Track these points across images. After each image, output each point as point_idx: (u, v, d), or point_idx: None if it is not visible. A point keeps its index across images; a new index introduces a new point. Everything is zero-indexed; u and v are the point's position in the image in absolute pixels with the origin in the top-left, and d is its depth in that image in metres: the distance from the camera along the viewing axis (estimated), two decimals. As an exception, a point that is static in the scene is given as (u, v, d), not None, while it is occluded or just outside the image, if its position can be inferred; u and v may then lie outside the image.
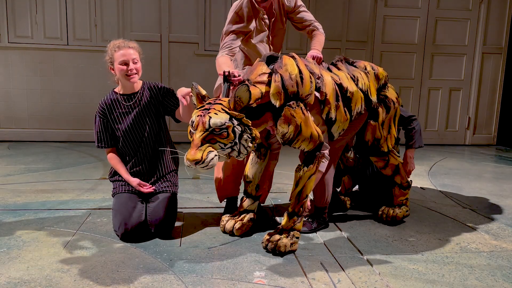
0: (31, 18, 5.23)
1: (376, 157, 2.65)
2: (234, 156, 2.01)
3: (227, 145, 1.95)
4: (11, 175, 3.70)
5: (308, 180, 2.19)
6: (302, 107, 2.10)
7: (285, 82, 2.06)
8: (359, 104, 2.41)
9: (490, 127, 6.26)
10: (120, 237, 2.30)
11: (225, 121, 1.92)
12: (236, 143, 1.96)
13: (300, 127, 2.08)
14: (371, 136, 2.57)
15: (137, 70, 2.35)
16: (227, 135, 1.93)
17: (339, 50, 5.71)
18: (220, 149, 1.94)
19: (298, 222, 2.22)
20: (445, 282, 1.94)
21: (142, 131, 2.42)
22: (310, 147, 2.16)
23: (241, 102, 1.95)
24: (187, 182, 3.61)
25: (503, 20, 5.98)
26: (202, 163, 1.88)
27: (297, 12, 2.67)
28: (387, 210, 2.74)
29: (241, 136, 1.96)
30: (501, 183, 3.92)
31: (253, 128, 2.00)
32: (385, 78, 2.63)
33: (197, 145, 1.91)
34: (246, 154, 2.02)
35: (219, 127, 1.91)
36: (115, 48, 2.35)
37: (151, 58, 5.39)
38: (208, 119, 1.91)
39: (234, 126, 1.94)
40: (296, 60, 2.16)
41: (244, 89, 1.93)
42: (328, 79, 2.28)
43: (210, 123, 1.91)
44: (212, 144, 1.93)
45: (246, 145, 1.98)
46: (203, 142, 1.91)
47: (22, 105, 5.38)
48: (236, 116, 1.95)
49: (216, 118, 1.91)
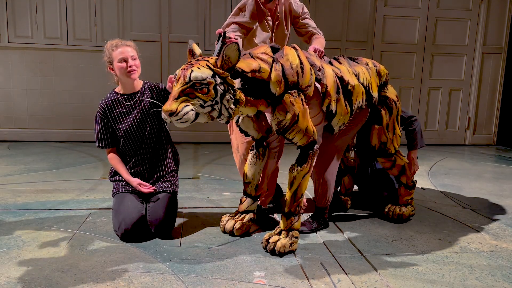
0: (31, 18, 5.23)
1: (383, 158, 2.66)
2: (215, 117, 1.95)
3: (207, 102, 1.89)
4: (11, 175, 3.70)
5: (303, 179, 2.18)
6: (303, 98, 2.10)
7: (285, 71, 2.06)
8: (360, 98, 2.41)
9: (490, 127, 6.26)
10: (120, 237, 2.30)
11: (206, 76, 1.87)
12: (217, 102, 1.91)
13: (297, 116, 2.07)
14: (377, 140, 2.59)
15: (136, 66, 2.36)
16: (207, 92, 1.88)
17: (339, 50, 5.71)
18: (199, 106, 1.89)
19: (296, 222, 2.22)
20: (445, 282, 1.94)
21: (143, 131, 2.42)
22: (303, 142, 2.15)
23: (229, 61, 1.92)
24: (187, 182, 3.61)
25: (503, 20, 5.98)
26: (176, 116, 1.83)
27: (303, 18, 2.72)
28: (393, 208, 2.75)
29: (223, 96, 1.91)
30: (501, 183, 3.92)
31: (238, 90, 1.96)
32: (386, 76, 2.63)
33: (174, 96, 1.86)
34: (228, 117, 1.97)
35: (199, 81, 1.87)
36: (112, 47, 2.35)
37: (151, 58, 5.40)
38: (190, 72, 1.87)
39: (216, 83, 1.89)
40: (298, 51, 2.17)
41: (234, 47, 1.89)
42: (329, 72, 2.28)
43: (191, 76, 1.86)
44: (191, 99, 1.88)
45: (227, 106, 1.93)
46: (181, 94, 1.87)
47: (22, 105, 5.38)
48: (220, 74, 1.90)
49: (198, 72, 1.87)
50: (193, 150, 5.22)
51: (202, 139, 5.71)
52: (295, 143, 2.18)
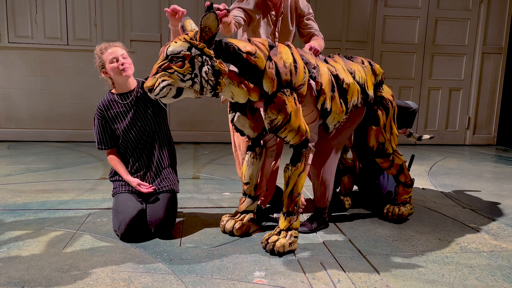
0: (31, 18, 5.23)
1: (381, 158, 2.66)
2: (197, 90, 1.93)
3: (186, 76, 1.88)
4: (11, 175, 3.70)
5: (298, 178, 2.18)
6: (295, 97, 2.10)
7: (279, 70, 2.06)
8: (356, 96, 2.41)
9: (490, 127, 6.26)
10: (120, 237, 2.30)
11: (181, 49, 1.86)
12: (196, 75, 1.89)
13: (289, 115, 2.06)
14: (375, 141, 2.59)
15: (128, 64, 2.36)
16: (183, 65, 1.87)
17: (339, 50, 5.71)
18: (179, 80, 1.88)
19: (295, 221, 2.22)
20: (445, 282, 1.94)
21: (141, 129, 2.42)
22: (296, 141, 2.15)
23: (210, 31, 1.89)
24: (187, 182, 3.61)
25: (503, 20, 5.98)
26: (153, 92, 1.85)
27: (308, 19, 2.71)
28: (392, 208, 2.75)
29: (201, 68, 1.90)
30: (501, 183, 3.92)
31: (218, 60, 1.92)
32: (382, 75, 2.63)
33: (153, 72, 1.88)
34: (211, 90, 1.94)
35: (175, 55, 1.86)
36: (101, 50, 2.38)
37: (151, 58, 5.38)
38: (168, 47, 1.88)
39: (192, 55, 1.88)
40: (291, 49, 2.16)
41: (213, 17, 1.85)
42: (324, 70, 2.27)
43: (167, 51, 1.87)
44: (169, 74, 1.87)
45: (207, 78, 1.91)
46: (159, 70, 1.87)
47: (22, 105, 5.38)
48: (197, 46, 1.88)
49: (174, 46, 1.87)
50: (193, 150, 5.22)
51: (202, 139, 5.71)
52: (288, 142, 2.17)
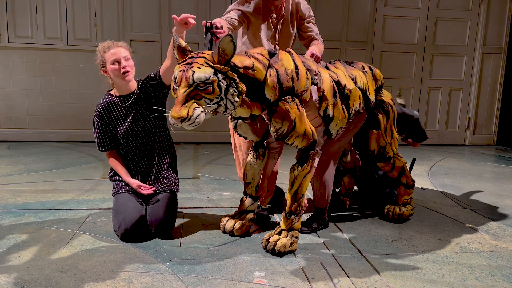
0: (31, 18, 5.23)
1: (383, 162, 2.67)
2: (221, 112, 1.94)
3: (213, 100, 1.88)
4: (11, 175, 3.70)
5: (304, 179, 2.18)
6: (298, 103, 2.09)
7: (280, 77, 2.05)
8: (358, 102, 2.41)
9: (490, 127, 6.26)
10: (120, 237, 2.30)
11: (209, 75, 1.84)
12: (222, 98, 1.89)
13: (294, 122, 2.06)
14: (376, 145, 2.60)
15: (130, 67, 2.31)
16: (212, 90, 1.85)
17: (339, 50, 5.70)
18: (206, 105, 1.87)
19: (296, 222, 2.22)
20: (445, 282, 1.94)
21: (142, 131, 2.41)
22: (304, 144, 2.15)
23: (225, 54, 1.88)
24: (187, 182, 3.61)
25: (503, 20, 5.98)
26: (188, 120, 1.81)
27: (308, 22, 2.70)
28: (393, 208, 2.75)
29: (227, 91, 1.89)
30: (501, 183, 3.92)
31: (239, 82, 1.93)
32: (382, 80, 2.65)
33: (181, 102, 1.83)
34: (232, 110, 1.96)
35: (203, 82, 1.83)
36: (104, 49, 2.31)
37: (151, 58, 5.39)
38: (192, 74, 1.83)
39: (219, 80, 1.87)
40: (293, 56, 2.16)
41: (228, 40, 1.84)
42: (325, 76, 2.27)
43: (194, 78, 1.83)
44: (197, 100, 1.85)
45: (232, 100, 1.92)
46: (188, 98, 1.84)
47: (22, 105, 5.38)
48: (221, 70, 1.88)
49: (200, 72, 1.83)
50: (193, 150, 5.22)
51: (202, 139, 5.71)
52: (296, 147, 2.18)
